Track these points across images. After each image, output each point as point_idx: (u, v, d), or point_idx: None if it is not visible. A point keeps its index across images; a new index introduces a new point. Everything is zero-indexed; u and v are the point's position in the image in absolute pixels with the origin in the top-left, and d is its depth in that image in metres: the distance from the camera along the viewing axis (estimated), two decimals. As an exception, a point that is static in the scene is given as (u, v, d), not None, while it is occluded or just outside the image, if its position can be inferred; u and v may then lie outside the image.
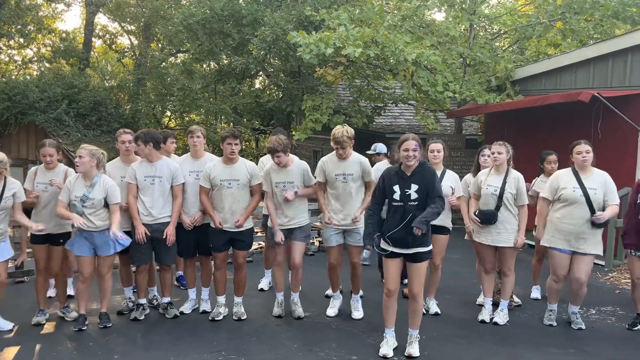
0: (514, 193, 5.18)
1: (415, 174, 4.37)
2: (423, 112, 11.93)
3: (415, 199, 4.32)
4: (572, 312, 5.34)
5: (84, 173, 4.89)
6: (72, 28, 34.21)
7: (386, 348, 4.56)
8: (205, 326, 5.20)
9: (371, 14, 10.68)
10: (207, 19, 14.89)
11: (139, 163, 5.21)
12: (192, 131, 5.38)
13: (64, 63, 24.03)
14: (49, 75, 19.40)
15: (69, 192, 4.87)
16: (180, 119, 23.32)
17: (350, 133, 5.15)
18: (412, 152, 4.32)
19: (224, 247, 5.29)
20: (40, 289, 5.25)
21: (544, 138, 9.03)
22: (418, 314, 4.54)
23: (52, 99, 17.48)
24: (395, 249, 4.41)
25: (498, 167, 5.25)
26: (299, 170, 5.27)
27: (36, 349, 4.63)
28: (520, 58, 13.31)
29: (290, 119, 18.49)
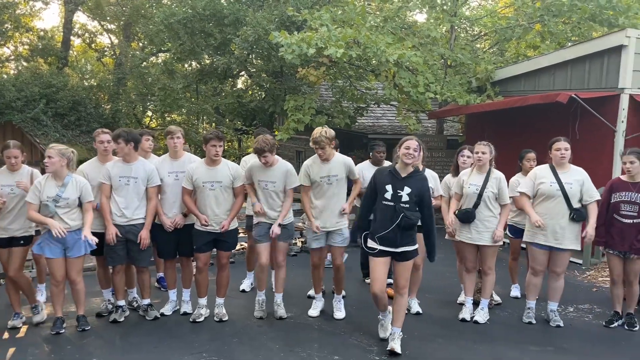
0: (495, 192, 5.24)
1: (410, 177, 4.46)
2: (405, 112, 12.00)
3: (407, 202, 4.39)
4: (550, 309, 5.42)
5: (54, 173, 4.80)
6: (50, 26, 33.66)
7: (383, 332, 4.86)
8: (186, 328, 5.15)
9: (353, 14, 10.71)
10: (188, 18, 14.78)
11: (113, 163, 5.14)
12: (172, 132, 5.32)
13: (41, 62, 23.65)
14: (27, 74, 19.06)
15: (39, 193, 4.76)
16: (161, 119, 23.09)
17: (330, 134, 5.14)
18: (412, 150, 4.41)
19: (207, 248, 5.25)
20: (11, 292, 5.13)
21: (523, 138, 9.14)
22: (402, 311, 4.60)
23: (29, 99, 17.17)
24: (384, 248, 4.46)
25: (481, 167, 5.30)
26: (283, 172, 5.24)
27: (10, 353, 4.54)
28: (501, 59, 13.48)
29: (273, 119, 18.45)
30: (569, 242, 5.16)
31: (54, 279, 4.88)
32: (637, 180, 5.17)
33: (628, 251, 5.18)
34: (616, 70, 7.85)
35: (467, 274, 5.51)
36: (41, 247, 4.82)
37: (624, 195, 5.18)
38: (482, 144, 5.31)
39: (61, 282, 4.90)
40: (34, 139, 16.47)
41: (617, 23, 10.51)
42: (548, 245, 5.20)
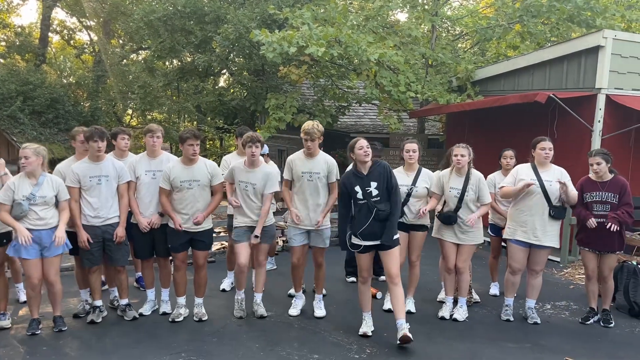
0: (476, 193, 5.28)
1: (372, 172, 4.66)
2: (386, 112, 12.04)
3: (377, 195, 4.61)
4: (528, 307, 5.48)
5: (30, 172, 4.71)
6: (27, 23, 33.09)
7: (365, 327, 4.95)
8: (165, 328, 5.11)
9: (334, 13, 10.70)
10: (168, 16, 14.62)
11: (79, 164, 5.02)
12: (152, 130, 5.25)
13: (18, 59, 23.21)
14: (3, 71, 18.69)
15: (12, 192, 4.66)
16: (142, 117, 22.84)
17: (320, 128, 5.22)
18: (366, 148, 4.63)
19: (183, 248, 5.20)
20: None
21: (503, 137, 9.23)
22: (401, 301, 4.70)
23: (5, 96, 16.86)
24: (367, 242, 4.69)
25: (460, 169, 5.33)
26: (264, 174, 5.21)
27: (-14, 355, 4.45)
28: (482, 59, 13.59)
29: (255, 118, 18.36)
30: (548, 239, 5.24)
31: (30, 281, 4.77)
32: (605, 180, 5.26)
33: (602, 250, 5.28)
34: (593, 70, 7.97)
35: (448, 274, 5.55)
36: (16, 249, 4.70)
37: (595, 195, 5.26)
38: (460, 146, 5.33)
39: (38, 285, 4.80)
40: (10, 137, 16.18)
41: (594, 24, 10.67)
42: (528, 243, 5.26)
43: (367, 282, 4.94)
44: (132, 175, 5.17)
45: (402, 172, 5.51)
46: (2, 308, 5.10)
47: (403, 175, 5.46)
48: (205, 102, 17.20)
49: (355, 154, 4.69)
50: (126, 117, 25.34)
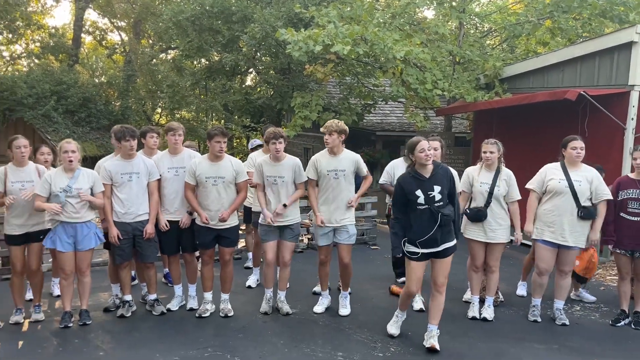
0: (506, 188, 5.23)
1: (434, 175, 4.42)
2: (412, 109, 11.97)
3: (440, 200, 4.37)
4: (556, 307, 5.39)
5: (71, 167, 4.87)
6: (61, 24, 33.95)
7: (394, 329, 4.86)
8: (192, 323, 5.20)
9: (360, 11, 10.69)
10: (196, 16, 14.82)
11: (111, 162, 5.17)
12: (174, 128, 5.35)
13: (52, 59, 23.85)
14: (38, 71, 19.25)
15: (48, 185, 4.83)
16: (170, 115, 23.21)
17: (341, 125, 5.22)
18: (427, 151, 4.35)
19: (210, 244, 5.29)
20: (15, 289, 5.19)
21: (532, 135, 9.10)
22: (440, 308, 4.61)
23: (40, 95, 17.35)
24: (425, 250, 4.44)
25: (489, 165, 5.29)
26: (291, 166, 5.29)
27: (20, 346, 4.61)
28: (510, 56, 13.38)
29: (280, 116, 18.47)
30: (576, 240, 5.14)
31: (64, 272, 4.97)
32: None
33: (636, 249, 5.16)
34: (626, 67, 7.76)
35: (475, 272, 5.50)
36: (52, 240, 4.89)
37: (631, 192, 5.15)
38: (489, 142, 5.30)
39: (70, 275, 4.98)
40: (45, 135, 16.64)
41: (627, 19, 10.40)
42: (556, 243, 5.18)
43: (413, 295, 4.76)
44: None
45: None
46: (36, 301, 5.28)
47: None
48: (232, 100, 17.40)
49: (415, 156, 4.41)
50: (155, 116, 25.77)
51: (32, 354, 4.46)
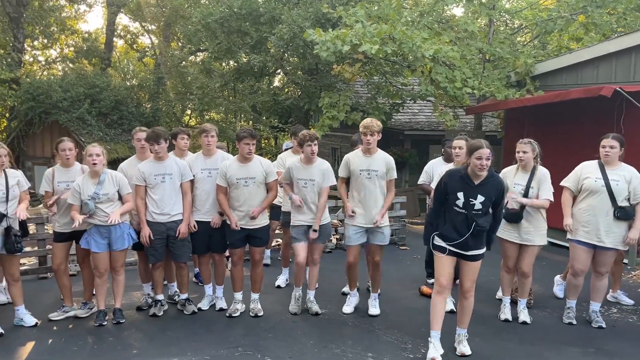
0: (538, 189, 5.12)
1: (483, 184, 4.23)
2: (441, 108, 11.83)
3: (479, 209, 4.21)
4: (592, 310, 5.26)
5: (94, 172, 4.98)
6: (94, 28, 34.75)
7: (433, 352, 4.36)
8: (222, 322, 5.25)
9: (388, 10, 10.63)
10: (225, 18, 14.96)
11: (145, 163, 5.25)
12: (207, 130, 5.41)
13: (86, 63, 24.43)
14: (72, 75, 19.75)
15: (78, 194, 4.95)
16: (200, 117, 23.54)
17: (380, 124, 5.20)
18: (485, 160, 4.13)
19: (241, 244, 5.33)
20: (62, 286, 5.35)
21: (565, 134, 8.89)
22: (468, 312, 4.50)
23: (74, 99, 17.80)
24: (454, 249, 4.33)
25: (524, 166, 5.18)
26: (321, 170, 5.30)
27: (57, 344, 4.73)
28: (542, 53, 13.11)
29: (308, 117, 18.52)
30: (612, 240, 5.00)
31: (98, 271, 5.10)
32: None
33: None
34: (664, 61, 7.53)
35: (507, 273, 5.40)
36: (87, 241, 5.03)
37: None
38: (523, 142, 5.17)
39: (104, 274, 5.11)
40: (79, 137, 17.05)
41: (665, 13, 10.09)
42: (591, 244, 5.05)
43: (443, 292, 4.38)
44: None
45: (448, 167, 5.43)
46: (86, 297, 5.45)
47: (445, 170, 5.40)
48: (260, 101, 17.52)
49: (470, 160, 4.21)
50: (185, 117, 26.15)
51: (68, 352, 4.57)
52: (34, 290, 6.16)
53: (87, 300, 5.45)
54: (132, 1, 24.59)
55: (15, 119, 18.57)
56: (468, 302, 4.47)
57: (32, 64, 26.01)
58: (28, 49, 24.55)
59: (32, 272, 6.82)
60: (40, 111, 17.48)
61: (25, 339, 4.81)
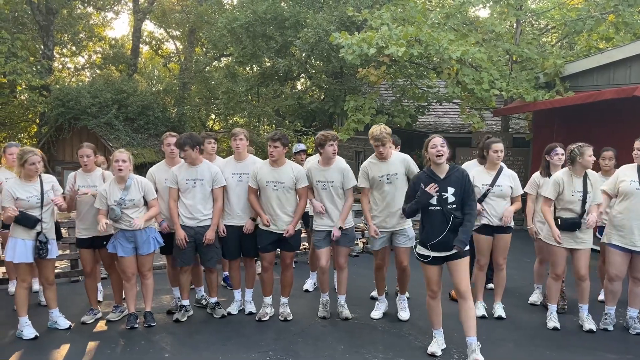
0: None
1: (449, 176, 4.29)
2: (468, 110, 11.71)
3: (453, 202, 4.24)
4: (630, 316, 5.12)
5: (121, 177, 5.03)
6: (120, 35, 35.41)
7: (435, 346, 4.55)
8: (252, 326, 5.26)
9: (414, 12, 10.56)
10: (250, 23, 15.08)
11: (179, 167, 5.29)
12: (235, 134, 5.43)
13: (113, 69, 24.84)
14: (100, 81, 20.08)
15: (105, 199, 5.01)
16: (224, 121, 23.73)
17: (389, 130, 5.10)
18: (440, 147, 4.24)
19: (271, 248, 5.34)
20: (89, 290, 5.45)
21: (597, 136, 8.68)
22: (471, 317, 4.35)
23: (102, 104, 18.10)
24: (437, 254, 4.32)
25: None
26: (339, 171, 5.26)
27: (90, 347, 4.80)
28: (570, 53, 12.88)
29: (333, 120, 18.52)
30: None
31: (125, 276, 5.15)
32: None
33: None
34: (701, 60, 7.32)
35: (555, 281, 5.18)
36: (114, 246, 5.09)
37: None
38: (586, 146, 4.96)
39: (132, 278, 5.16)
40: (107, 142, 17.34)
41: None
42: (627, 248, 4.91)
43: (436, 296, 4.51)
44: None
45: (483, 171, 5.37)
46: (116, 301, 5.53)
47: (484, 174, 5.33)
48: (284, 105, 17.59)
49: (428, 153, 4.34)
50: (209, 122, 26.38)
51: (101, 355, 4.63)
52: (66, 293, 6.27)
53: (118, 304, 5.52)
54: (157, 8, 24.96)
55: (45, 124, 18.97)
56: (467, 304, 4.34)
57: (62, 70, 26.60)
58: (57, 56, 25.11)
59: (65, 275, 6.94)
60: (69, 117, 17.82)
61: (59, 342, 4.89)
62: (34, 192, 4.90)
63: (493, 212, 5.28)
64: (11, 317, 5.42)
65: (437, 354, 4.51)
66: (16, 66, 15.77)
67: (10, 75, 16.00)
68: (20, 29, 20.09)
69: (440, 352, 4.53)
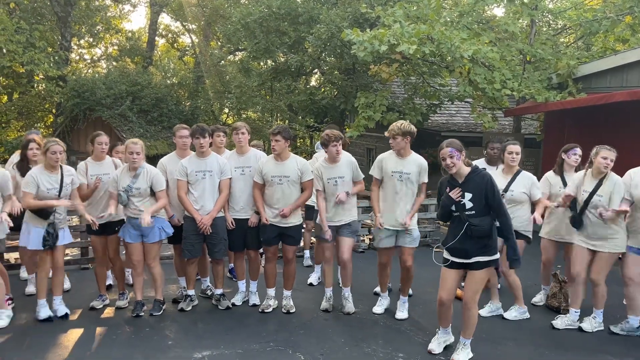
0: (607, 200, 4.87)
1: (467, 181, 4.17)
2: (480, 110, 11.67)
3: (471, 208, 4.12)
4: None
5: (134, 167, 5.14)
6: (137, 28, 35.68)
7: (434, 344, 4.60)
8: (255, 318, 5.33)
9: (427, 10, 10.54)
10: (264, 18, 15.14)
11: (188, 159, 5.38)
12: (236, 127, 5.50)
13: (129, 61, 25.11)
14: (115, 73, 20.32)
15: (116, 184, 5.16)
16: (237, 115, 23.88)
17: (404, 127, 5.07)
18: (449, 159, 4.13)
19: (274, 241, 5.40)
20: (98, 276, 5.58)
21: (609, 138, 8.61)
22: (470, 323, 4.36)
23: (117, 96, 18.33)
24: (456, 259, 4.29)
25: (599, 173, 4.93)
26: (348, 165, 5.33)
27: (97, 332, 4.90)
28: (586, 54, 12.76)
29: (344, 116, 18.54)
30: None
31: (132, 262, 5.26)
32: None
33: None
34: None
35: (576, 284, 5.08)
36: (123, 232, 5.25)
37: None
38: (608, 148, 4.91)
39: (138, 266, 5.25)
40: (120, 134, 17.56)
41: None
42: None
43: (445, 303, 4.40)
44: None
45: (499, 175, 5.32)
46: (120, 288, 5.64)
47: (499, 178, 5.27)
48: (297, 101, 17.64)
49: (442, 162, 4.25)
50: (222, 116, 26.55)
51: (107, 339, 4.74)
52: (76, 280, 6.40)
53: (122, 291, 5.63)
54: (174, 1, 25.14)
55: (61, 114, 19.26)
56: (470, 312, 4.29)
57: (78, 62, 26.93)
58: (74, 47, 25.42)
59: (75, 262, 7.08)
60: (85, 107, 18.07)
61: (66, 327, 5.00)
62: (55, 185, 5.02)
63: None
64: (22, 301, 5.56)
65: (434, 352, 4.54)
66: (34, 56, 16.02)
67: (28, 65, 16.25)
68: (39, 19, 20.37)
69: (438, 350, 4.56)
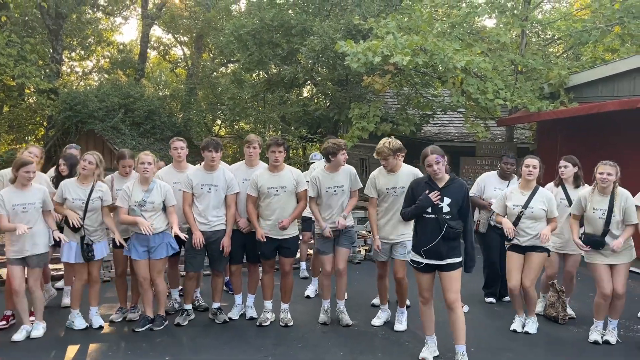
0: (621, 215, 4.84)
1: (447, 187, 4.37)
2: (473, 120, 11.74)
3: (448, 212, 4.32)
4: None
5: (145, 179, 5.12)
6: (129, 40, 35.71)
7: (426, 352, 4.59)
8: (253, 331, 5.29)
9: (420, 21, 10.63)
10: (257, 30, 15.18)
11: (194, 171, 5.35)
12: (250, 141, 5.49)
13: (121, 74, 25.05)
14: (107, 85, 20.25)
15: (128, 198, 5.10)
16: (230, 127, 23.85)
17: (394, 145, 5.08)
18: (435, 165, 4.33)
19: (271, 254, 5.38)
20: (119, 289, 5.57)
21: (601, 147, 8.71)
22: (460, 326, 4.40)
23: (109, 108, 18.24)
24: (430, 261, 4.39)
25: (604, 189, 4.88)
26: (347, 175, 5.33)
27: (92, 348, 4.83)
28: (576, 64, 12.90)
29: (337, 127, 18.56)
30: None
31: (139, 279, 5.22)
32: None
33: None
34: None
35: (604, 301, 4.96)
36: (129, 248, 5.19)
37: None
38: (607, 163, 4.85)
39: (145, 282, 5.21)
40: (113, 146, 17.45)
41: None
42: None
43: (428, 303, 4.58)
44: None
45: (516, 191, 5.25)
46: (134, 301, 5.59)
47: (517, 195, 5.21)
48: (289, 112, 17.67)
49: (426, 168, 4.44)
50: (215, 127, 26.52)
51: (102, 356, 4.66)
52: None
53: (135, 304, 5.61)
54: (165, 13, 25.17)
55: (53, 127, 19.13)
56: (456, 314, 4.39)
57: (70, 74, 26.84)
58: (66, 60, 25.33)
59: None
60: (76, 120, 17.96)
61: (62, 343, 4.93)
62: (82, 196, 5.04)
63: (525, 233, 5.12)
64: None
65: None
66: (25, 69, 15.92)
67: (19, 79, 16.15)
68: (30, 32, 20.30)
69: (431, 359, 4.55)
